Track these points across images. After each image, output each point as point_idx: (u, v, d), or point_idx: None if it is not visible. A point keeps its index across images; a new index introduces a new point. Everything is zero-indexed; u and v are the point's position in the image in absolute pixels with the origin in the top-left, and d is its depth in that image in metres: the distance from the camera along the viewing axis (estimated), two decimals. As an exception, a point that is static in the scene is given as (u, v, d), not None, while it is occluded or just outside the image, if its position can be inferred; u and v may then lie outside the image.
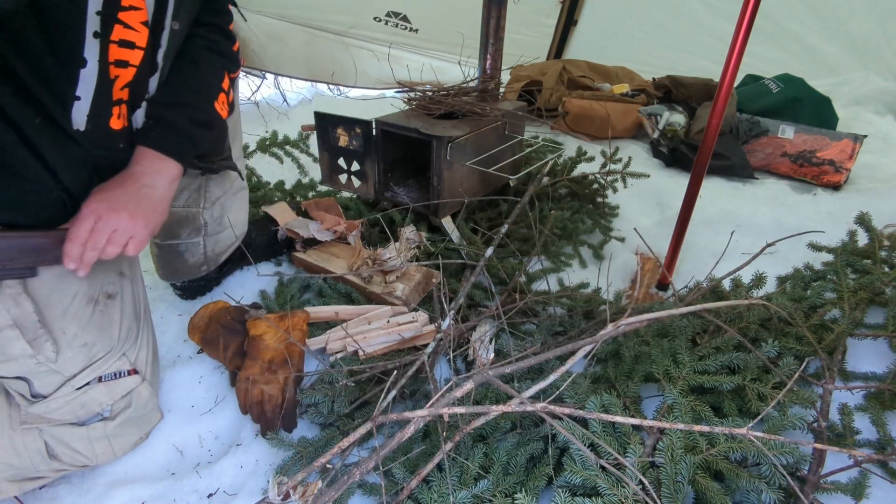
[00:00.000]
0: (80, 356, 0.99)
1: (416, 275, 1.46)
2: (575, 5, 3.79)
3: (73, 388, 1.00)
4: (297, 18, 3.52)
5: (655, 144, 2.73)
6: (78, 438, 1.03)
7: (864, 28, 3.28)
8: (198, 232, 1.39)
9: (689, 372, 1.08)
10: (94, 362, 1.02)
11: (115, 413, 1.07)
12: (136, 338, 1.10)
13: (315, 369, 1.25)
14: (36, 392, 0.99)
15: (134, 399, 1.08)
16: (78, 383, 1.00)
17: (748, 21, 1.25)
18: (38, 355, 0.95)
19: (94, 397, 1.03)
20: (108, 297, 1.04)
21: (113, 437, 1.07)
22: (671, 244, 1.59)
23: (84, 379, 1.01)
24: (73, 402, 1.01)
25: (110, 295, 1.04)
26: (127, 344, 1.07)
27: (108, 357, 1.04)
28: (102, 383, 1.03)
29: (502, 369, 0.93)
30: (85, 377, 1.01)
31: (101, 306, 1.02)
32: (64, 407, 1.00)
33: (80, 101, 0.85)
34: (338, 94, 3.82)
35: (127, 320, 1.08)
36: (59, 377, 0.99)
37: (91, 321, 1.00)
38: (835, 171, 2.38)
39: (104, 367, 1.03)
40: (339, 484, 0.84)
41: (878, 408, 1.07)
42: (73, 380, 1.00)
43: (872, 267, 1.34)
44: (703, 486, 0.87)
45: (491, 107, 1.72)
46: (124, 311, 1.07)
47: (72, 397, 1.00)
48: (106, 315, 1.03)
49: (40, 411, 1.00)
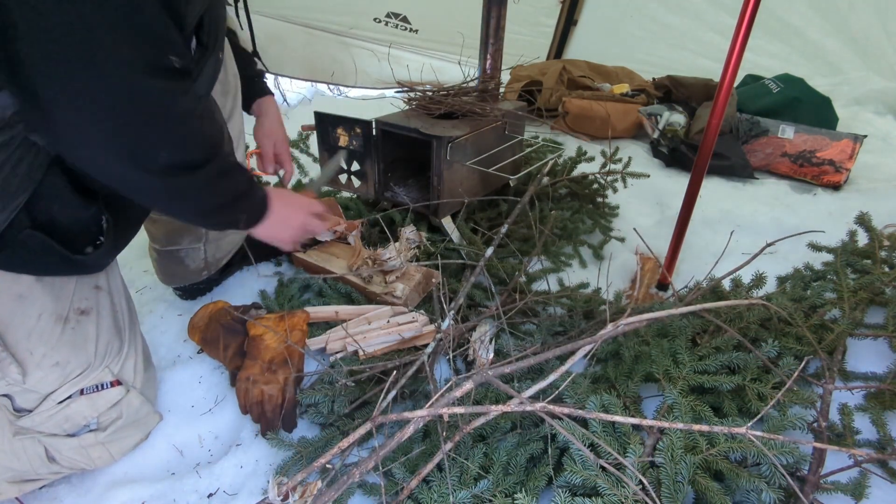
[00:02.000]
0: (53, 375, 0.98)
1: (416, 275, 1.46)
2: (575, 5, 3.79)
3: (54, 403, 0.99)
4: (297, 19, 3.52)
5: (655, 144, 2.73)
6: (69, 448, 1.03)
7: (865, 25, 3.27)
8: (198, 238, 1.39)
9: (689, 372, 1.08)
10: (72, 379, 1.00)
11: (104, 424, 1.05)
12: (118, 350, 1.07)
13: (315, 369, 1.25)
14: (19, 407, 0.99)
15: (124, 409, 1.07)
16: (59, 397, 0.99)
17: (748, 20, 1.25)
18: (3, 378, 0.93)
19: (78, 410, 1.01)
20: (82, 313, 1.01)
21: (108, 443, 1.07)
22: (671, 244, 1.59)
23: (65, 393, 1.00)
24: (57, 416, 1.00)
25: (83, 311, 1.02)
26: (108, 358, 1.05)
27: (86, 373, 1.02)
28: (84, 396, 1.02)
29: (502, 369, 0.93)
30: (65, 391, 1.00)
31: (72, 324, 0.99)
32: (48, 421, 1.00)
33: None
34: (338, 94, 3.82)
35: (105, 335, 1.05)
36: (36, 394, 0.98)
37: (62, 339, 0.97)
38: (835, 171, 2.38)
39: (84, 382, 1.01)
40: (339, 484, 0.84)
41: (878, 408, 1.07)
42: (54, 395, 0.99)
43: (872, 267, 1.34)
44: (703, 486, 0.87)
45: (491, 107, 1.72)
46: (101, 325, 1.04)
47: (55, 411, 0.99)
48: (79, 332, 1.00)
49: (27, 424, 0.99)
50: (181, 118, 0.79)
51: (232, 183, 0.92)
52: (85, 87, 0.69)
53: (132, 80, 0.72)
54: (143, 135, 0.76)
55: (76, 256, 0.92)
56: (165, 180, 0.81)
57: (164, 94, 0.76)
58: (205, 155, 0.85)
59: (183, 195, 0.87)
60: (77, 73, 0.68)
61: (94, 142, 0.74)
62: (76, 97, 0.70)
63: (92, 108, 0.71)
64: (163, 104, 0.76)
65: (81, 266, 0.97)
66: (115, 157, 0.76)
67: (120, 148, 0.75)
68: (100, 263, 1.01)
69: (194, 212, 0.93)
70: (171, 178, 0.82)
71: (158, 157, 0.78)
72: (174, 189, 0.84)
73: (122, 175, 0.80)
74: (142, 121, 0.75)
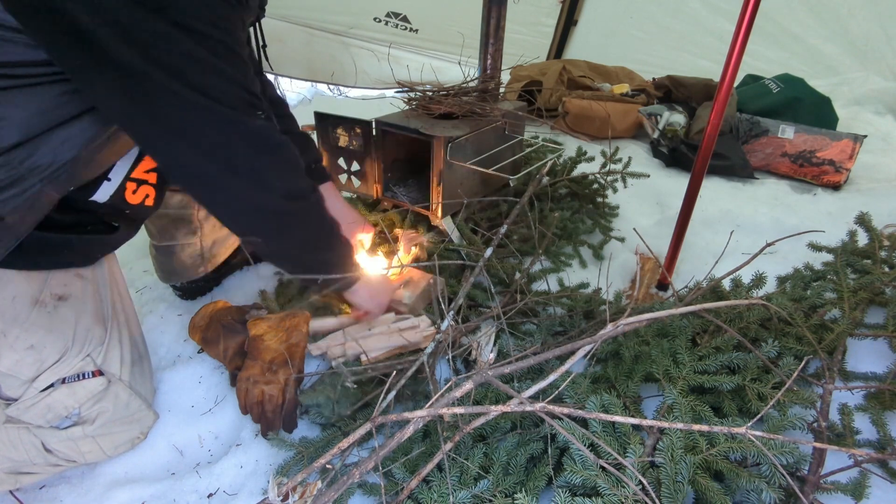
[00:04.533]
0: (29, 359, 0.98)
1: (421, 282, 1.46)
2: (575, 5, 3.79)
3: (36, 391, 0.99)
4: (297, 18, 3.52)
5: (655, 144, 2.73)
6: (58, 440, 1.03)
7: (865, 28, 3.28)
8: (192, 233, 1.39)
9: (689, 372, 1.08)
10: (51, 365, 1.00)
11: (90, 417, 1.05)
12: (101, 339, 1.07)
13: (315, 370, 1.25)
14: (5, 395, 0.99)
15: (111, 402, 1.07)
16: (40, 385, 1.00)
17: (748, 21, 1.25)
18: None
19: (59, 399, 1.01)
20: (59, 298, 1.02)
21: (98, 437, 1.06)
22: (671, 244, 1.59)
23: (46, 381, 1.00)
24: (39, 405, 1.00)
25: (61, 297, 1.02)
26: (89, 345, 1.05)
27: (65, 359, 1.02)
28: (65, 385, 1.02)
29: (501, 369, 0.93)
30: (46, 379, 1.00)
31: (48, 308, 1.00)
32: (32, 409, 1.00)
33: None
34: (338, 94, 3.82)
35: (85, 321, 1.05)
36: (17, 380, 0.98)
37: (37, 322, 0.98)
38: (835, 171, 2.38)
39: (64, 369, 1.01)
40: (339, 484, 0.84)
41: (878, 408, 1.07)
42: (35, 382, 0.99)
43: (872, 267, 1.34)
44: (703, 486, 0.87)
45: (491, 107, 1.72)
46: (81, 312, 1.04)
47: (37, 399, 1.00)
48: (56, 316, 1.01)
49: (15, 413, 1.00)
50: (279, 148, 0.92)
51: (329, 223, 1.09)
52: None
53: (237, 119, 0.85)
54: (259, 165, 0.89)
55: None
56: (286, 204, 0.95)
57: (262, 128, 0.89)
58: (309, 183, 1.00)
59: (297, 222, 1.00)
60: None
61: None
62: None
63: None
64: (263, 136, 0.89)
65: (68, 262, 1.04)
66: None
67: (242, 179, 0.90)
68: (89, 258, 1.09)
69: (301, 243, 1.04)
70: (290, 203, 0.95)
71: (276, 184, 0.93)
72: (291, 214, 0.97)
73: (247, 203, 0.93)
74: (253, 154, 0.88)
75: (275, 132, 0.91)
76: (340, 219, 1.31)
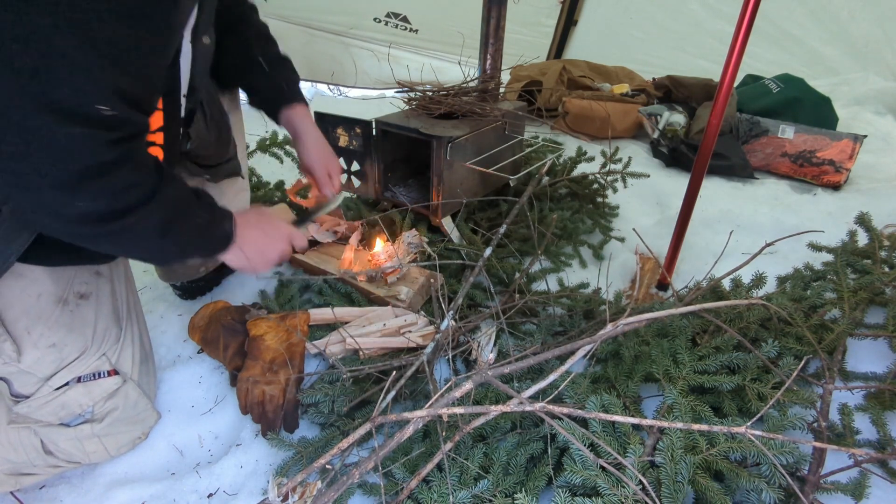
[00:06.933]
0: (49, 357, 0.98)
1: (419, 278, 1.46)
2: (575, 5, 3.79)
3: (51, 389, 0.99)
4: (297, 19, 3.52)
5: (655, 144, 2.73)
6: (66, 439, 1.03)
7: (864, 29, 3.28)
8: None
9: (689, 372, 1.08)
10: (70, 363, 1.00)
11: (101, 415, 1.05)
12: (116, 338, 1.08)
13: (315, 369, 1.25)
14: (17, 392, 0.99)
15: (121, 400, 1.07)
16: (56, 384, 1.00)
17: (748, 22, 1.25)
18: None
19: (74, 398, 1.02)
20: (81, 297, 1.02)
21: (104, 436, 1.07)
22: (671, 244, 1.59)
23: (62, 379, 1.00)
24: (53, 403, 1.00)
25: (83, 295, 1.02)
26: (106, 344, 1.06)
27: (83, 358, 1.02)
28: (81, 384, 1.02)
29: (501, 369, 0.93)
30: (62, 377, 1.00)
31: (71, 306, 1.00)
32: (44, 407, 1.00)
33: None
34: (338, 94, 3.82)
35: (104, 320, 1.06)
36: (33, 378, 0.98)
37: (60, 321, 0.98)
38: (835, 171, 2.38)
39: (81, 367, 1.02)
40: (339, 484, 0.84)
41: (878, 408, 1.07)
42: (51, 380, 0.99)
43: (872, 267, 1.34)
44: (703, 486, 0.87)
45: (491, 107, 1.72)
46: (100, 311, 1.05)
47: (51, 398, 1.00)
48: (77, 315, 1.01)
49: (24, 411, 0.99)
50: (98, 168, 0.73)
51: (186, 225, 0.87)
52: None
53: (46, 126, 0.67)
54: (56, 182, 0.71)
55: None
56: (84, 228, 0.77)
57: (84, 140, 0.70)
58: (130, 202, 0.78)
59: (122, 240, 0.82)
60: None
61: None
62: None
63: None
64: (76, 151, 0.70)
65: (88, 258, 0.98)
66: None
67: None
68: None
69: (142, 255, 0.91)
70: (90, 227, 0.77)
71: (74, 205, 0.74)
72: (103, 235, 0.80)
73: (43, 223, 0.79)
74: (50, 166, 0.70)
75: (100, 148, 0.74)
76: (310, 154, 1.30)
